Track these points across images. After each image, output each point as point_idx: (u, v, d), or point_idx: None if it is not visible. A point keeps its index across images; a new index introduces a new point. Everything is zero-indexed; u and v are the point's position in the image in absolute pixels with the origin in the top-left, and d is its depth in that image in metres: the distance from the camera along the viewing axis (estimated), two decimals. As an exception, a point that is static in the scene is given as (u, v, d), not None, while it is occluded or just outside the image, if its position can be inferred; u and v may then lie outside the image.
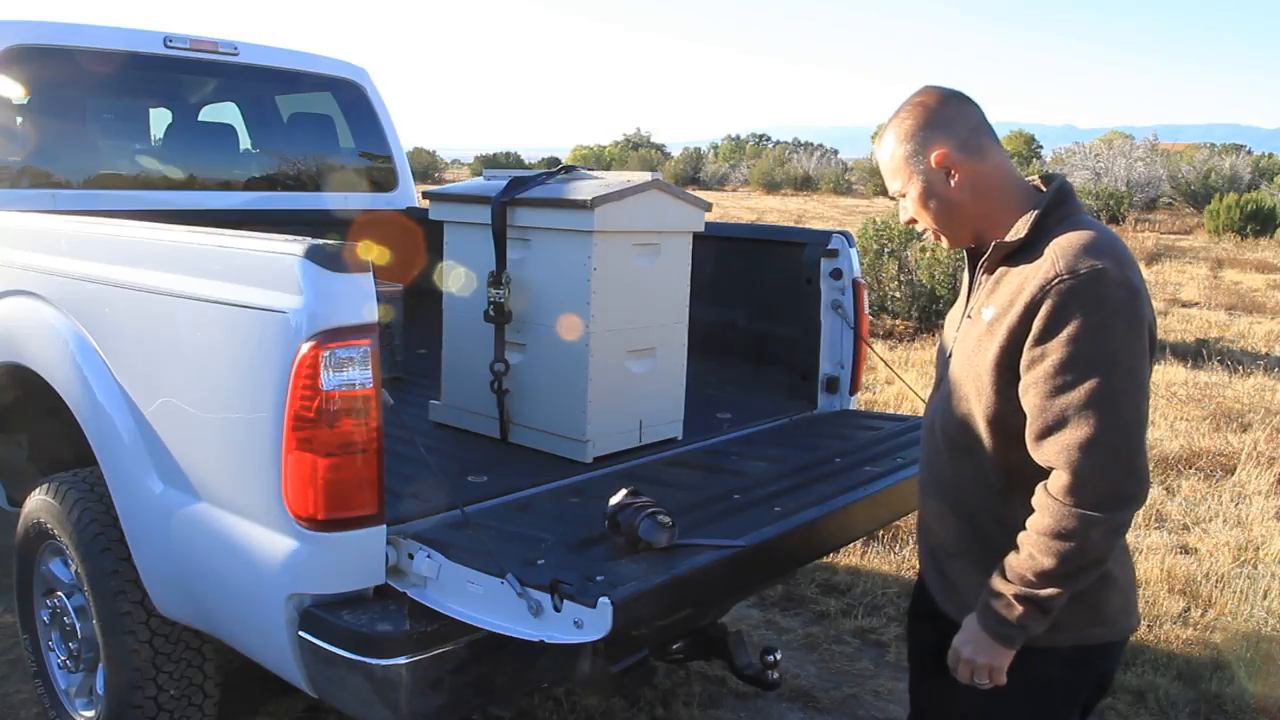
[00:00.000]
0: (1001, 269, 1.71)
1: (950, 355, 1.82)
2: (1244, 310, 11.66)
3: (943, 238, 1.80)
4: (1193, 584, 4.12)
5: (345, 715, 2.09)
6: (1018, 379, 1.63)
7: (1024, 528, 1.64)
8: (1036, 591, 1.61)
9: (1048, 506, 1.60)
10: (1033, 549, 1.61)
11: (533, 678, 2.08)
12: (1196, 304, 11.98)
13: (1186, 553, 4.52)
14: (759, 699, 3.22)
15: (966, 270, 1.87)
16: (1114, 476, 1.56)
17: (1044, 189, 1.75)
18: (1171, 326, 10.42)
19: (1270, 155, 38.66)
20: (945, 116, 1.73)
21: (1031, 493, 1.65)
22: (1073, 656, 1.73)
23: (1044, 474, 1.63)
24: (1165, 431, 6.33)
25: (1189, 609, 3.93)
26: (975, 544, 1.77)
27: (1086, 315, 1.54)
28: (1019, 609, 1.63)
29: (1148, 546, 4.51)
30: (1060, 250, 1.60)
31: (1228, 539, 4.61)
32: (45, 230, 2.74)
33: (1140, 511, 4.88)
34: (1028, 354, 1.60)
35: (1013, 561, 1.64)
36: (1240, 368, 8.10)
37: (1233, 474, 5.57)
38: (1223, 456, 5.84)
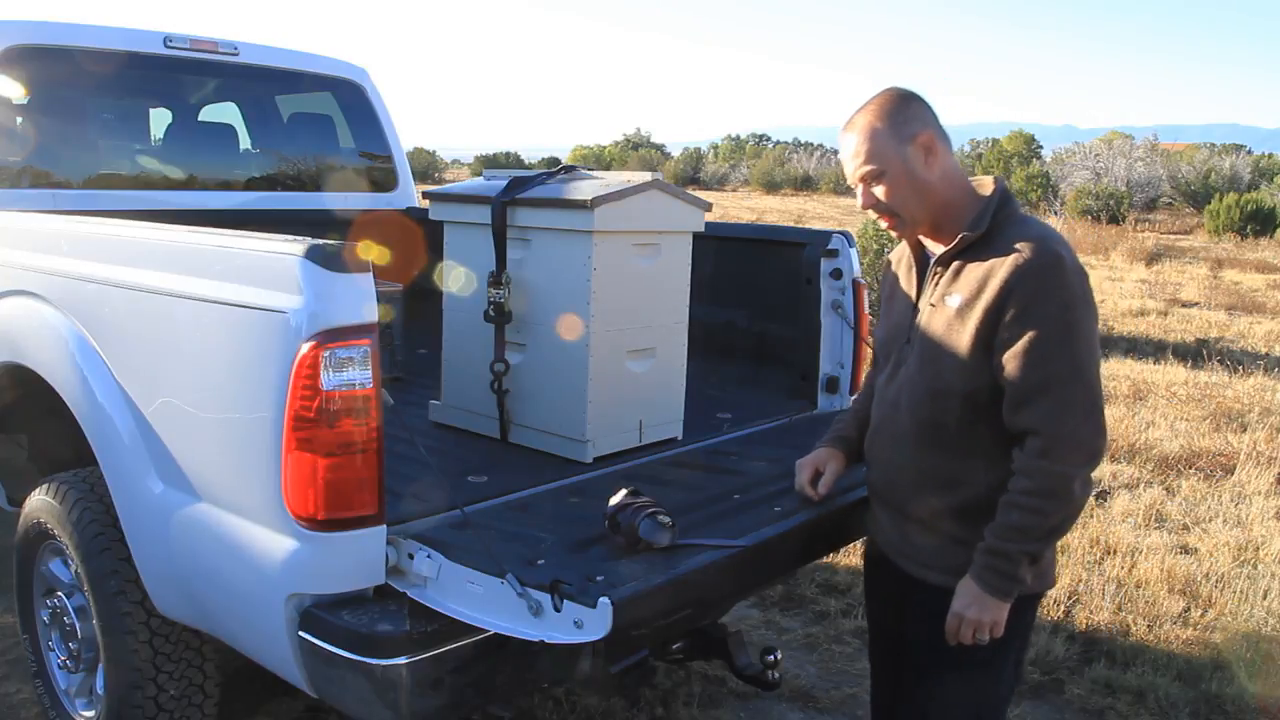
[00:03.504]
0: (958, 262, 1.91)
1: (909, 342, 2.00)
2: (1244, 310, 11.67)
3: (898, 226, 1.95)
4: (1193, 584, 4.13)
5: (345, 715, 2.09)
6: (990, 354, 1.83)
7: (982, 488, 1.87)
8: (1031, 546, 1.82)
9: (1031, 469, 1.79)
10: (1022, 509, 1.80)
11: (533, 678, 2.08)
12: (1196, 304, 11.99)
13: (1186, 553, 4.52)
14: (759, 699, 3.22)
15: (912, 266, 2.04)
16: (1086, 433, 1.79)
17: (983, 187, 1.95)
18: (1171, 326, 10.43)
19: (1270, 155, 38.63)
20: (921, 108, 1.93)
21: (990, 459, 1.86)
22: (1019, 605, 1.90)
23: (1003, 441, 1.84)
24: (1165, 431, 6.33)
25: (1189, 609, 3.93)
26: (938, 508, 1.95)
27: (1054, 296, 1.77)
28: (1015, 564, 1.82)
29: (1148, 546, 4.51)
30: (1025, 241, 1.82)
31: (1228, 539, 4.61)
32: (45, 230, 2.74)
33: (1140, 511, 4.91)
34: (1004, 331, 1.80)
35: (1003, 523, 1.82)
36: (1240, 368, 8.10)
37: (1233, 474, 5.57)
38: (1222, 456, 5.84)
